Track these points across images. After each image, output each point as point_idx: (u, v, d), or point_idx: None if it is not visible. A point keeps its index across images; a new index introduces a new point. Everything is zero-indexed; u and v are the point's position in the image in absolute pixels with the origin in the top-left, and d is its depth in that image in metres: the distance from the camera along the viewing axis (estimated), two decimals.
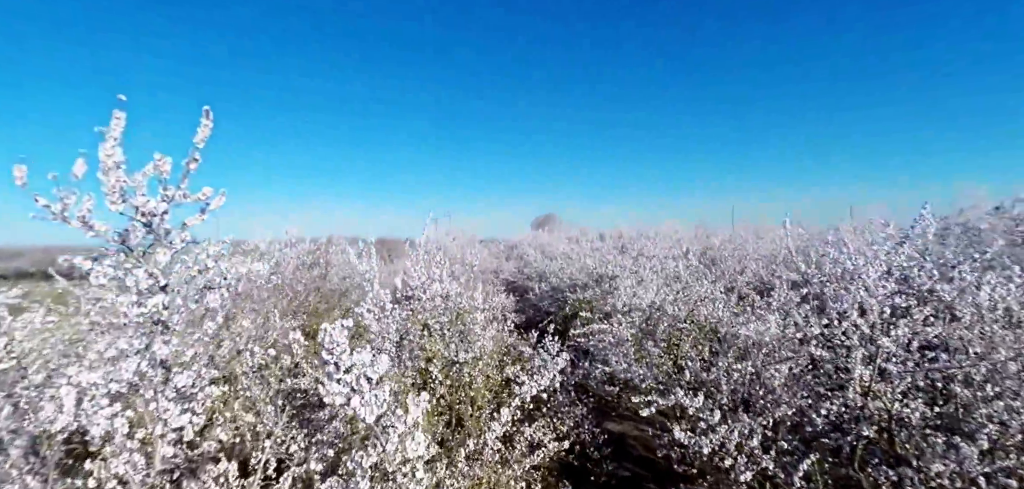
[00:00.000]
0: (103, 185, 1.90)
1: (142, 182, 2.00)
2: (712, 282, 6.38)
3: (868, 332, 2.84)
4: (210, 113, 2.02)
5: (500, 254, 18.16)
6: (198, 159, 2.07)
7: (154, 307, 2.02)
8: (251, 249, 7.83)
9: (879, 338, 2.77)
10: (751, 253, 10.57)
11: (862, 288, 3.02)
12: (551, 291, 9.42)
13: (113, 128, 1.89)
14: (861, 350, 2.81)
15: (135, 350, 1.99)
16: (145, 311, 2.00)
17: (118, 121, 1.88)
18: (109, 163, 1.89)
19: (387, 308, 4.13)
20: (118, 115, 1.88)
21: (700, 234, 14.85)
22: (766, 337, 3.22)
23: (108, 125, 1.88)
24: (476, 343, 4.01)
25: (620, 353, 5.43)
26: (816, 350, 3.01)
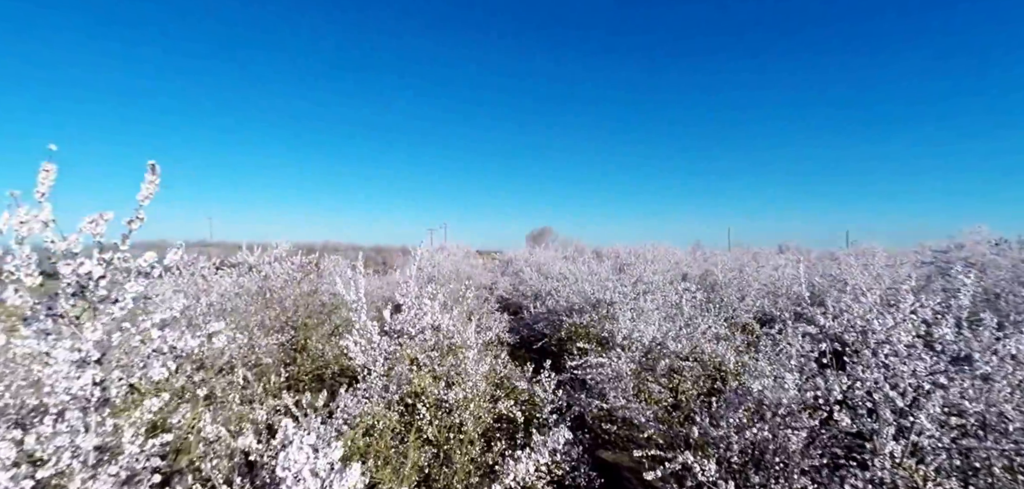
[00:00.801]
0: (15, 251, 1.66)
1: (77, 241, 1.78)
2: (716, 314, 6.18)
3: (902, 405, 2.62)
4: (156, 168, 1.81)
5: (495, 269, 17.96)
6: (142, 218, 1.85)
7: (82, 388, 1.78)
8: (239, 263, 7.59)
9: (916, 415, 2.56)
10: (751, 279, 10.41)
11: (891, 353, 2.81)
12: (547, 313, 9.20)
13: (40, 183, 1.66)
14: (892, 426, 2.60)
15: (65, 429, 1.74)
16: (73, 388, 1.76)
17: (46, 176, 1.65)
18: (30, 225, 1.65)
19: (374, 340, 3.90)
20: (47, 168, 1.65)
21: (698, 257, 14.70)
22: (783, 399, 3.00)
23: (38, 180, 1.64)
24: (467, 382, 3.78)
25: (619, 388, 5.21)
26: (839, 414, 2.79)
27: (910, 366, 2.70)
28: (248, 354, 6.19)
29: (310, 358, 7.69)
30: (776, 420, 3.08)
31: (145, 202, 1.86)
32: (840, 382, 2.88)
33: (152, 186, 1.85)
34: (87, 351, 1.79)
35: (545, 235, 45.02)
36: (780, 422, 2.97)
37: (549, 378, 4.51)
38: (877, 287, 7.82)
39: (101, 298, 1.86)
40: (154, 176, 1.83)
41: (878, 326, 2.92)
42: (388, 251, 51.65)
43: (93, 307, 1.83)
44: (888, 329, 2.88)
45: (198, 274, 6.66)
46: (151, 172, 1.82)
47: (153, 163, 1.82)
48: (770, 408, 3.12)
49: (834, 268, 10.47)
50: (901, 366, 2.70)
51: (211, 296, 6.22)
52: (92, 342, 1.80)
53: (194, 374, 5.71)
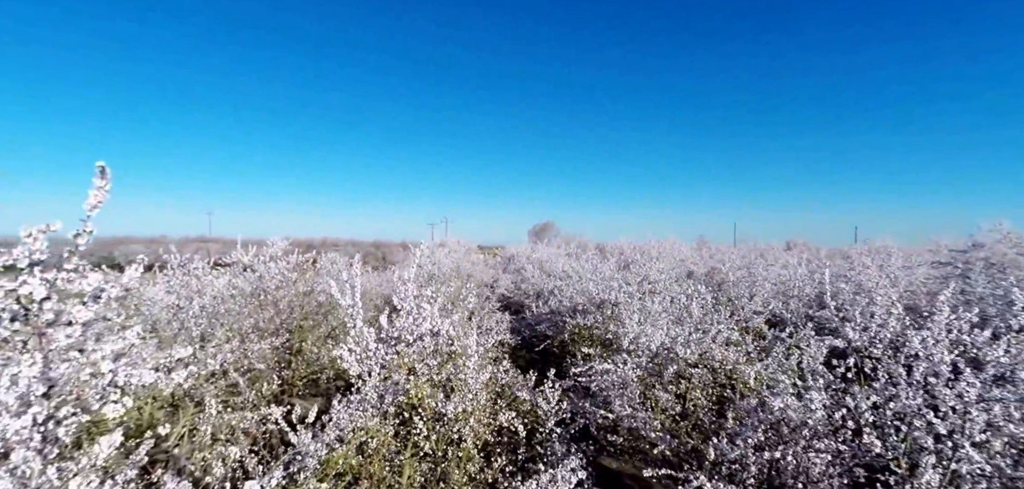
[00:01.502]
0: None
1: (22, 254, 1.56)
2: (728, 316, 5.95)
3: (943, 431, 2.39)
4: (107, 172, 1.58)
5: (497, 265, 17.73)
6: (90, 230, 1.62)
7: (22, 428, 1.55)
8: (233, 263, 7.37)
9: (962, 444, 2.33)
10: (761, 278, 10.17)
11: (930, 372, 2.57)
12: (549, 313, 8.97)
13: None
14: (932, 454, 2.36)
15: None
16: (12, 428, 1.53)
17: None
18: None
19: (370, 348, 3.68)
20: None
21: (705, 254, 14.45)
22: (809, 419, 2.76)
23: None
24: (468, 394, 3.55)
25: (625, 396, 4.99)
26: (869, 437, 2.55)
27: (954, 389, 2.45)
28: (241, 359, 5.99)
29: (305, 362, 7.47)
30: (798, 441, 2.85)
31: (93, 211, 1.64)
32: (869, 402, 2.64)
33: (102, 192, 1.63)
34: (28, 386, 1.56)
35: (548, 230, 44.78)
36: (805, 444, 2.73)
37: (553, 388, 4.28)
38: (894, 291, 7.57)
39: (48, 322, 1.63)
40: (104, 181, 1.61)
41: (917, 344, 2.67)
42: (388, 246, 51.51)
43: (38, 333, 1.60)
44: (928, 347, 2.63)
45: (192, 274, 6.41)
46: (100, 176, 1.60)
47: (102, 165, 1.59)
48: (792, 427, 2.89)
49: (848, 268, 10.22)
50: (944, 389, 2.46)
51: (205, 298, 6.00)
52: (31, 376, 1.57)
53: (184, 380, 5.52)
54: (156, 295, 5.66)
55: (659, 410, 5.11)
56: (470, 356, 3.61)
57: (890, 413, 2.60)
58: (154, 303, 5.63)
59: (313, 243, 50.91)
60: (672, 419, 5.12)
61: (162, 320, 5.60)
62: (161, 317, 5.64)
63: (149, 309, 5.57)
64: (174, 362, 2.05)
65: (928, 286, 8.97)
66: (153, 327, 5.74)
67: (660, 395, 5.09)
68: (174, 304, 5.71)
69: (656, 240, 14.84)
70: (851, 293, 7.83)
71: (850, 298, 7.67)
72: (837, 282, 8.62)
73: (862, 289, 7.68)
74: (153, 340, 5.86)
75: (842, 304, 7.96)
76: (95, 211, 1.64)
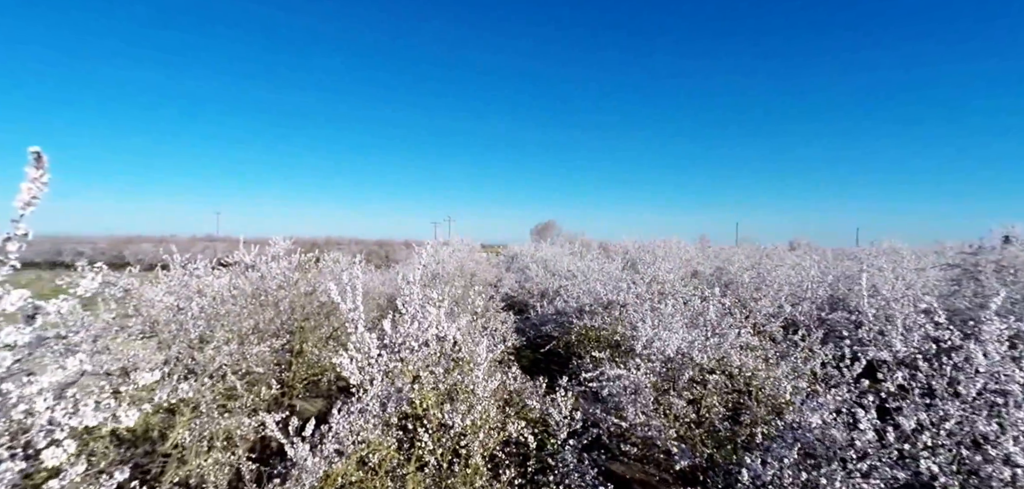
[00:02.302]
0: None
1: None
2: (744, 318, 5.77)
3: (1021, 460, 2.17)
4: (43, 159, 1.38)
5: (500, 264, 17.54)
6: (24, 232, 1.42)
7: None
8: (235, 263, 7.20)
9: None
10: (772, 278, 9.97)
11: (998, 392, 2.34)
12: (555, 314, 8.79)
13: None
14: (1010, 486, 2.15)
15: None
16: None
17: None
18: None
19: (372, 354, 3.50)
20: None
21: (711, 254, 14.24)
22: (858, 442, 2.54)
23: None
24: (477, 406, 3.37)
25: (638, 403, 4.81)
26: (927, 462, 2.32)
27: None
28: (239, 362, 5.81)
29: (306, 364, 7.30)
30: (841, 464, 2.63)
31: (28, 209, 1.41)
32: (912, 422, 2.44)
33: (38, 185, 1.39)
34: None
35: (550, 229, 44.56)
36: (852, 469, 2.50)
37: (565, 397, 4.09)
38: (909, 294, 7.34)
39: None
40: (39, 170, 1.38)
41: (981, 360, 2.42)
42: (391, 245, 51.36)
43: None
44: (992, 362, 2.40)
45: (192, 274, 6.24)
46: (35, 165, 1.37)
47: (37, 151, 1.36)
48: (838, 447, 2.68)
49: (857, 270, 10.00)
50: (1016, 412, 2.24)
51: (204, 299, 5.83)
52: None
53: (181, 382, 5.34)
54: (155, 296, 5.49)
55: (672, 417, 4.93)
56: (479, 364, 3.42)
57: (944, 435, 2.40)
58: (153, 304, 5.46)
59: (317, 242, 50.73)
60: (686, 426, 4.94)
61: (161, 321, 5.43)
62: (160, 318, 5.47)
63: (148, 310, 5.40)
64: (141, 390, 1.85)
65: (939, 289, 8.76)
66: (152, 328, 5.58)
67: (675, 402, 4.91)
68: (173, 305, 5.54)
69: (661, 239, 14.66)
70: (866, 296, 7.62)
71: (865, 301, 7.46)
72: (850, 284, 8.41)
73: (877, 292, 7.47)
74: (152, 342, 5.73)
75: (856, 307, 7.75)
76: (30, 208, 1.41)
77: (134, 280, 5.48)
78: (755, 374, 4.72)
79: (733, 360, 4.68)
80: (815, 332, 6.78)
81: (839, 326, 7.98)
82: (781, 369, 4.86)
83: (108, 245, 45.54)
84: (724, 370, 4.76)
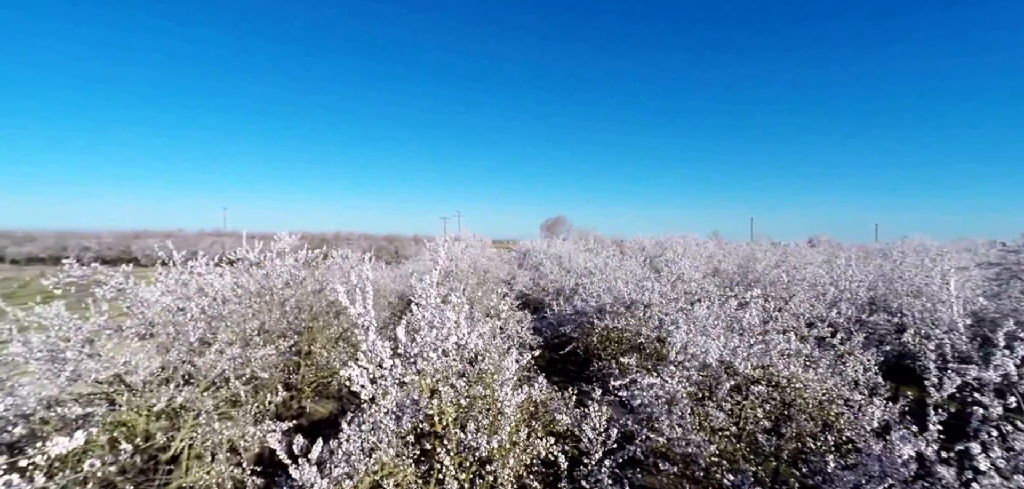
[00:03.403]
0: None
1: None
2: (793, 321, 5.33)
3: None
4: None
5: (512, 260, 17.14)
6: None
7: None
8: (238, 259, 6.83)
9: None
10: (798, 278, 9.49)
11: None
12: (574, 313, 8.36)
13: None
14: None
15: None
16: None
17: None
18: None
19: (385, 363, 3.11)
20: None
21: (732, 250, 13.71)
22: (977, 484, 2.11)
23: None
24: (504, 426, 2.96)
25: (674, 415, 4.39)
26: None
27: None
28: (243, 366, 5.45)
29: (314, 367, 6.94)
30: None
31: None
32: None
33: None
34: None
35: (560, 224, 44.09)
36: None
37: (599, 411, 3.68)
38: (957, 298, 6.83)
39: None
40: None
41: None
42: (400, 240, 51.02)
43: None
44: None
45: (193, 273, 5.85)
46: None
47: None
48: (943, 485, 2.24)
49: (890, 268, 9.49)
50: None
51: (205, 299, 5.47)
52: None
53: (180, 389, 4.99)
54: (151, 296, 5.12)
55: (710, 429, 4.50)
56: (506, 380, 3.02)
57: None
58: (149, 305, 5.09)
59: (325, 237, 50.26)
60: (726, 440, 4.52)
61: (158, 324, 5.07)
62: (157, 320, 5.11)
63: (143, 312, 5.03)
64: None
65: (983, 289, 8.23)
66: (149, 331, 5.23)
67: (715, 414, 4.48)
68: (171, 306, 5.17)
69: (680, 235, 14.16)
70: (909, 296, 7.13)
71: (907, 303, 6.97)
72: (888, 284, 7.91)
73: (921, 293, 6.98)
74: (150, 343, 5.38)
75: (899, 308, 7.27)
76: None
77: (130, 278, 5.13)
78: (806, 384, 4.28)
79: (780, 369, 4.24)
80: (855, 335, 6.33)
81: (880, 329, 7.49)
82: (832, 378, 4.43)
83: (114, 240, 45.25)
84: (770, 380, 4.32)
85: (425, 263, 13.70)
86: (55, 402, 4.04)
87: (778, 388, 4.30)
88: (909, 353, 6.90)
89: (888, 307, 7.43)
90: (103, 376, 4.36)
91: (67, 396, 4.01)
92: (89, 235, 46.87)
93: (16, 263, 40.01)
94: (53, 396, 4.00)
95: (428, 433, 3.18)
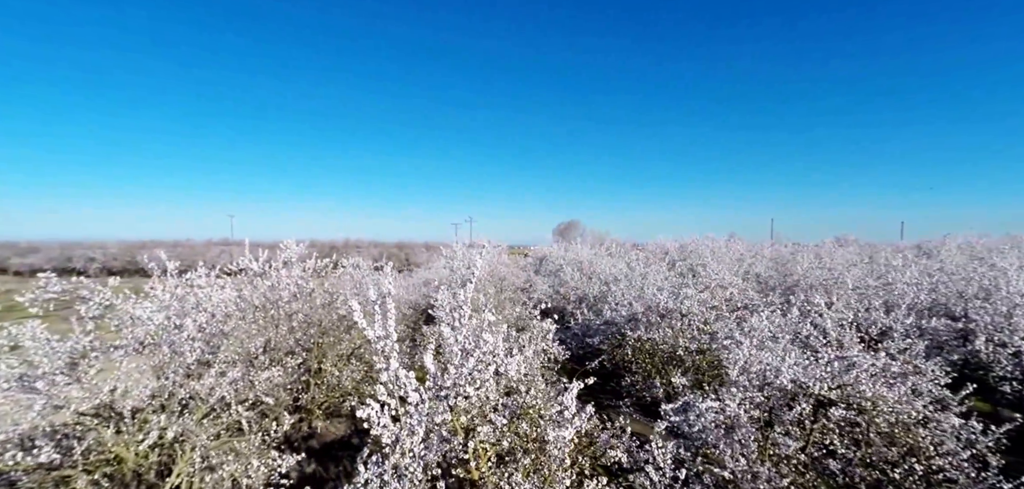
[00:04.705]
0: None
1: None
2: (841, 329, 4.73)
3: None
4: None
5: (528, 267, 16.56)
6: None
7: None
8: (241, 270, 6.32)
9: None
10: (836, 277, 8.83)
11: None
12: (603, 324, 7.76)
13: None
14: None
15: None
16: None
17: None
18: None
19: (411, 398, 2.56)
20: None
21: (765, 253, 13.02)
22: None
23: None
24: (563, 481, 2.39)
25: (736, 444, 3.80)
26: None
27: None
28: (245, 390, 4.94)
29: (325, 387, 6.40)
30: None
31: None
32: None
33: None
34: None
35: (574, 228, 43.42)
36: None
37: (664, 447, 3.09)
38: None
39: None
40: None
41: None
42: (411, 247, 50.45)
43: None
44: None
45: (191, 286, 5.32)
46: None
47: None
48: None
49: (939, 268, 8.81)
50: None
51: (202, 315, 4.96)
52: None
53: (174, 417, 4.48)
54: (143, 313, 4.60)
55: (776, 459, 3.91)
56: (567, 422, 2.45)
57: None
58: (141, 323, 4.57)
59: (335, 245, 49.65)
60: (795, 470, 3.92)
61: (150, 344, 4.56)
62: (149, 339, 4.60)
63: (133, 332, 4.51)
64: None
65: None
66: (142, 350, 4.73)
67: (781, 441, 3.88)
68: (166, 324, 4.66)
69: (709, 237, 13.51)
70: (978, 300, 6.46)
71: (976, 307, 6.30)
72: (948, 285, 7.24)
73: (991, 295, 6.31)
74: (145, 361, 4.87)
75: (964, 312, 6.61)
76: None
77: (120, 294, 4.64)
78: (892, 406, 3.68)
79: (864, 390, 3.64)
80: (916, 343, 5.69)
81: (941, 335, 6.82)
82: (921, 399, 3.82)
83: (120, 250, 44.24)
84: (851, 403, 3.72)
85: (439, 270, 13.17)
86: (29, 438, 3.55)
87: (861, 411, 3.69)
88: (979, 363, 6.24)
89: (950, 311, 6.77)
90: (85, 407, 3.86)
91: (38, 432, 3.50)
92: (94, 245, 45.98)
93: (19, 275, 39.81)
94: (25, 432, 3.51)
95: (464, 480, 2.62)
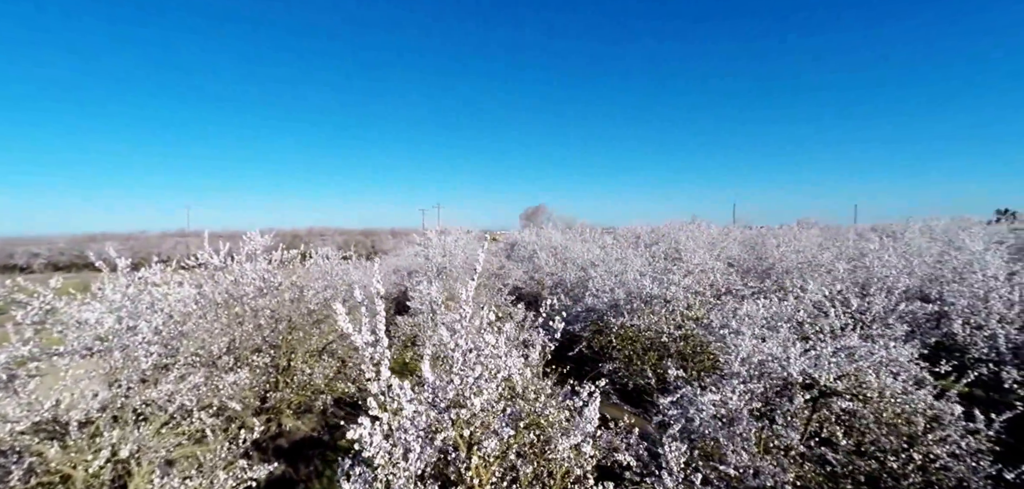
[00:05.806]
0: None
1: None
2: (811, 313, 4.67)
3: None
4: None
5: (500, 253, 16.32)
6: None
7: None
8: (197, 264, 5.80)
9: None
10: (810, 260, 8.93)
11: None
12: (584, 311, 7.60)
13: None
14: None
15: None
16: None
17: None
18: None
19: (406, 410, 2.28)
20: None
21: (737, 237, 13.13)
22: None
23: None
24: None
25: (736, 437, 3.67)
26: None
27: None
28: (208, 395, 4.53)
29: (296, 386, 5.99)
30: None
31: None
32: None
33: None
34: None
35: (540, 213, 43.34)
36: None
37: (676, 449, 2.90)
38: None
39: None
40: None
41: None
42: (378, 234, 49.42)
43: None
44: None
45: (144, 284, 4.81)
46: None
47: None
48: None
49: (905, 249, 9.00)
50: None
51: (158, 316, 4.50)
52: None
53: (128, 428, 4.04)
54: (91, 316, 4.12)
55: (778, 450, 3.81)
56: (588, 434, 2.22)
57: None
58: (88, 326, 4.09)
59: (298, 234, 48.29)
60: (796, 463, 3.82)
61: (98, 350, 4.09)
62: (105, 342, 4.12)
63: (79, 337, 4.04)
64: None
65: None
66: (91, 356, 4.26)
67: (783, 434, 3.77)
68: (115, 328, 4.19)
69: (679, 222, 13.54)
70: (952, 283, 6.55)
71: (952, 290, 6.39)
72: (922, 269, 7.36)
73: (963, 279, 6.41)
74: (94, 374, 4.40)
75: (940, 295, 6.71)
76: None
77: (65, 295, 4.14)
78: (895, 394, 3.60)
79: (870, 380, 3.54)
80: (894, 327, 5.72)
81: (916, 318, 6.91)
82: (923, 389, 3.77)
83: (67, 245, 41.67)
84: (856, 393, 3.63)
85: (410, 258, 12.76)
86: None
87: (866, 401, 3.60)
88: (954, 345, 6.34)
89: (924, 294, 6.88)
90: (23, 426, 3.40)
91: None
92: (40, 241, 42.99)
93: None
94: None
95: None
